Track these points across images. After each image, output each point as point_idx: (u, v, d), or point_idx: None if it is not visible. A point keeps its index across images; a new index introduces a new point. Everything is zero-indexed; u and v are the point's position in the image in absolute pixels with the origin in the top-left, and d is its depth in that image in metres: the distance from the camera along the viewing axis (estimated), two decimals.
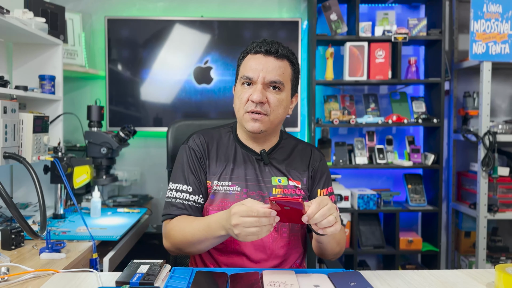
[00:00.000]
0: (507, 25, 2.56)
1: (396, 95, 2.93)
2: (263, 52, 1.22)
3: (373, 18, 2.89)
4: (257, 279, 1.02)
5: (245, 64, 1.25)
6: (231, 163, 1.29)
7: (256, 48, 1.23)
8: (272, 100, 1.22)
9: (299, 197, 1.13)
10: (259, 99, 1.19)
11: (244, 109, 1.22)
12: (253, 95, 1.20)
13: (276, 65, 1.22)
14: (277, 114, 1.24)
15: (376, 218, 2.83)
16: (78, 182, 2.00)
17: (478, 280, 1.09)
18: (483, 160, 2.58)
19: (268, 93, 1.21)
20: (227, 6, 2.89)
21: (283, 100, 1.24)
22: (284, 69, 1.23)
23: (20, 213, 1.30)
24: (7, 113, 1.57)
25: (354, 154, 2.80)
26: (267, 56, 1.22)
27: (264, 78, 1.20)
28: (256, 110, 1.20)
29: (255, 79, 1.21)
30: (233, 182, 1.26)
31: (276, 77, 1.21)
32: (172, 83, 2.79)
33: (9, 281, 1.08)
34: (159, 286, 0.99)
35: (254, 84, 1.22)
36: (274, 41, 1.24)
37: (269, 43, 1.22)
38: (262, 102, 1.20)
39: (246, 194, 1.25)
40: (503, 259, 2.80)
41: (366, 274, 1.10)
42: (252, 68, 1.22)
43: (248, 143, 1.31)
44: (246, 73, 1.22)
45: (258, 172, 1.28)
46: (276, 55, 1.22)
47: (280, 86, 1.22)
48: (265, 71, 1.20)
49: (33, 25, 1.87)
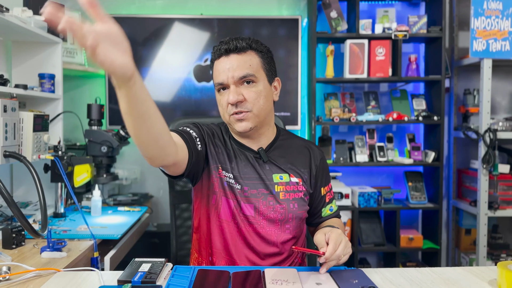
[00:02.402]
0: (507, 22, 2.56)
1: (397, 92, 2.93)
2: (223, 53, 1.22)
3: (373, 15, 2.89)
4: (259, 277, 1.02)
5: (214, 72, 1.25)
6: (234, 161, 1.28)
7: (217, 53, 1.23)
8: (248, 95, 1.21)
9: (319, 251, 1.06)
10: (234, 99, 1.19)
11: (227, 113, 1.22)
12: (229, 98, 1.19)
13: (241, 60, 1.21)
14: (259, 106, 1.22)
15: (377, 216, 2.83)
16: (79, 181, 2.00)
17: (480, 277, 1.09)
18: (484, 157, 2.58)
19: (242, 90, 1.20)
20: (226, 4, 2.89)
21: (260, 91, 1.22)
22: (250, 60, 1.22)
23: (21, 212, 1.29)
24: (7, 112, 1.56)
25: (354, 151, 2.79)
26: (229, 55, 1.21)
27: (233, 77, 1.20)
28: (237, 110, 1.20)
29: (225, 82, 1.21)
30: (235, 180, 1.26)
31: (243, 71, 1.20)
32: (172, 81, 2.79)
33: (10, 280, 1.08)
34: (161, 284, 0.99)
35: (227, 86, 1.22)
36: (232, 37, 1.24)
37: (227, 42, 1.22)
38: (239, 101, 1.20)
39: (247, 192, 1.25)
40: (503, 256, 2.80)
41: (368, 271, 1.10)
42: (219, 72, 1.22)
43: (244, 141, 1.30)
44: (216, 80, 1.23)
45: (259, 170, 1.27)
46: (236, 51, 1.21)
47: (252, 79, 1.21)
48: (232, 70, 1.20)
49: (32, 23, 1.87)
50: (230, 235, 1.25)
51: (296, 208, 1.27)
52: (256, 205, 1.24)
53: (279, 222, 1.25)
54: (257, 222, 1.24)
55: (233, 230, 1.25)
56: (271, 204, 1.25)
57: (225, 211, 1.25)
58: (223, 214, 1.25)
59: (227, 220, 1.25)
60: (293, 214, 1.26)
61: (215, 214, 1.26)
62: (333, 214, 1.39)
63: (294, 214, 1.26)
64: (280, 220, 1.25)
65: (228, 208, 1.25)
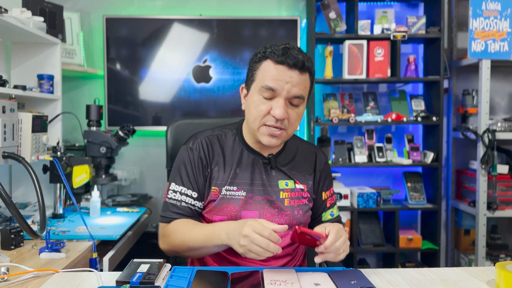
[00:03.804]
0: (506, 22, 2.56)
1: (395, 93, 2.93)
2: (288, 64, 1.12)
3: (372, 16, 2.89)
4: (258, 277, 1.02)
5: (264, 70, 1.15)
6: (236, 167, 1.25)
7: (281, 58, 1.12)
8: (292, 116, 1.16)
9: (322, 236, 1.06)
10: (282, 116, 1.12)
11: (262, 121, 1.15)
12: (276, 111, 1.12)
13: (301, 79, 1.14)
14: (294, 128, 1.20)
15: (376, 217, 2.83)
16: (78, 182, 2.00)
17: (478, 277, 1.09)
18: (482, 158, 2.58)
19: (288, 109, 1.14)
20: (226, 5, 2.89)
21: (301, 114, 1.19)
22: (306, 82, 1.16)
23: (20, 212, 1.29)
24: (5, 113, 1.56)
25: (353, 152, 2.79)
26: (292, 70, 1.12)
27: (289, 92, 1.13)
28: (276, 125, 1.14)
29: (278, 92, 1.13)
30: (238, 187, 1.23)
31: (300, 92, 1.14)
32: (171, 82, 2.79)
33: (8, 281, 1.08)
34: (160, 285, 0.99)
35: (276, 96, 1.14)
36: (299, 50, 1.15)
37: (295, 56, 1.12)
38: (284, 118, 1.14)
39: (251, 199, 1.23)
40: (502, 257, 2.81)
41: (367, 272, 1.10)
42: (275, 78, 1.12)
43: (256, 147, 1.28)
44: (268, 83, 1.13)
45: (264, 176, 1.26)
46: (301, 69, 1.13)
47: (300, 102, 1.16)
48: (290, 85, 1.12)
49: (31, 24, 1.87)
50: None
51: (300, 215, 1.27)
52: (261, 212, 1.23)
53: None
54: None
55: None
56: (276, 211, 1.24)
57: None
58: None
59: None
60: (297, 221, 1.26)
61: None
62: (333, 220, 1.36)
63: (299, 220, 1.26)
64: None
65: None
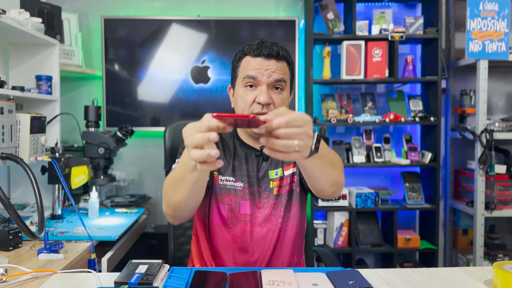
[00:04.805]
0: (503, 23, 2.57)
1: (393, 93, 2.94)
2: (264, 55, 1.21)
3: (370, 16, 2.90)
4: (256, 278, 1.02)
5: (245, 65, 1.24)
6: (233, 159, 1.30)
7: (257, 51, 1.22)
8: (277, 100, 1.21)
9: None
10: (266, 100, 1.18)
11: (250, 111, 1.21)
12: (260, 97, 1.19)
13: (278, 66, 1.22)
14: None
15: (374, 217, 2.83)
16: (76, 183, 2.00)
17: (476, 277, 1.09)
18: (480, 158, 2.59)
19: (272, 94, 1.21)
20: (224, 6, 2.89)
21: (285, 99, 1.24)
22: (285, 68, 1.24)
23: (18, 214, 1.29)
24: (4, 114, 1.56)
25: (351, 152, 2.80)
26: (269, 60, 1.21)
27: (269, 77, 1.20)
28: (263, 111, 1.19)
29: (259, 79, 1.20)
30: (236, 178, 1.28)
31: (280, 76, 1.21)
32: (169, 83, 2.79)
33: (7, 282, 1.08)
34: (158, 286, 0.99)
35: (258, 85, 1.21)
36: (274, 43, 1.24)
37: (269, 46, 1.22)
38: (269, 103, 1.20)
39: (248, 189, 1.27)
40: (500, 257, 2.81)
41: (365, 272, 1.10)
42: (255, 68, 1.21)
43: (249, 141, 1.32)
44: (248, 73, 1.21)
45: (255, 168, 1.29)
46: (277, 58, 1.22)
47: (282, 85, 1.22)
48: (269, 72, 1.20)
49: (30, 25, 1.87)
50: (223, 241, 1.26)
51: (286, 200, 1.29)
52: (252, 202, 1.27)
53: (274, 218, 1.28)
54: (253, 220, 1.27)
55: (227, 235, 1.27)
56: (266, 201, 1.28)
57: (217, 218, 1.27)
58: (215, 220, 1.27)
59: (221, 226, 1.27)
60: (284, 207, 1.28)
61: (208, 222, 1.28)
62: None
63: (284, 206, 1.28)
64: (274, 216, 1.28)
65: (219, 216, 1.27)
